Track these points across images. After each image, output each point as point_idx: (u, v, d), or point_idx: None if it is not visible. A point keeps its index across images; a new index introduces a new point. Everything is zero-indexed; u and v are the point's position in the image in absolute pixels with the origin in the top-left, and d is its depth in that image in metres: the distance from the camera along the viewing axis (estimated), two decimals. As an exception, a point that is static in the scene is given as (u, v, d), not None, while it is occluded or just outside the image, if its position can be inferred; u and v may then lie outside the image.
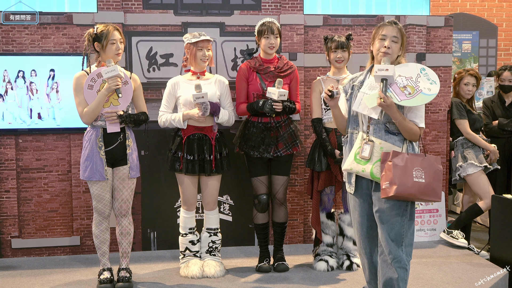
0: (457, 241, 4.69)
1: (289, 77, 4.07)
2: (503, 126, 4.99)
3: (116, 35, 3.60)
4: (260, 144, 3.96)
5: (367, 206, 3.05)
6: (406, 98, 2.92)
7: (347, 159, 3.05)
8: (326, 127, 4.06)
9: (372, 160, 2.95)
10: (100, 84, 3.57)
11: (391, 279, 2.94)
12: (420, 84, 2.95)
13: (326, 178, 4.03)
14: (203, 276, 3.91)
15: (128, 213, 3.78)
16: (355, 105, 3.03)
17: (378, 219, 2.97)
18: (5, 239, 4.42)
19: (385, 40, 3.03)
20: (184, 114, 3.85)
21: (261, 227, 4.15)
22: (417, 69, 3.02)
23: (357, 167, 2.99)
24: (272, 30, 3.94)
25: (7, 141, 4.39)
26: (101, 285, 3.68)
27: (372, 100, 2.95)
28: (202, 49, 3.86)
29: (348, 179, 3.11)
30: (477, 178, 4.65)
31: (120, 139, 3.67)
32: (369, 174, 2.96)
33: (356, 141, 3.03)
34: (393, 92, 2.93)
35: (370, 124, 3.00)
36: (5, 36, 4.35)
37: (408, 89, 2.95)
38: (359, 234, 3.11)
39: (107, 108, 3.59)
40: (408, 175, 2.84)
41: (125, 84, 3.62)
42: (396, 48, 3.03)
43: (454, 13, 7.22)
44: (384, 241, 2.95)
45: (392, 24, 3.07)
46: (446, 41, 4.91)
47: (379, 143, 2.95)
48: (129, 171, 3.69)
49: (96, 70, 3.57)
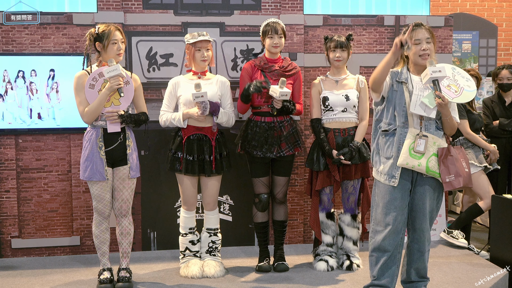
0: (457, 241, 4.69)
1: (293, 78, 4.08)
2: (504, 126, 4.99)
3: (118, 35, 3.60)
4: (263, 143, 3.96)
5: (405, 201, 3.23)
6: (455, 96, 3.17)
7: (402, 154, 3.18)
8: (324, 127, 4.06)
9: (427, 155, 3.15)
10: (101, 83, 3.57)
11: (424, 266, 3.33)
12: (459, 82, 3.20)
13: (324, 178, 4.04)
14: (203, 276, 3.91)
15: (128, 213, 3.78)
16: (411, 107, 3.19)
17: (421, 210, 3.22)
18: (5, 239, 4.42)
19: (422, 44, 3.19)
20: (184, 113, 3.86)
21: (261, 226, 4.15)
22: (449, 68, 3.25)
23: (413, 161, 3.15)
24: (276, 30, 3.95)
25: (7, 141, 4.39)
26: (101, 285, 3.68)
27: (431, 100, 3.14)
28: (201, 50, 3.86)
29: (390, 172, 3.22)
30: (477, 178, 4.65)
31: (121, 139, 3.66)
32: (424, 168, 3.15)
33: (408, 136, 3.18)
34: (443, 92, 3.14)
35: (423, 120, 3.19)
36: (5, 36, 4.35)
37: (452, 87, 3.18)
38: (391, 230, 3.22)
39: (108, 107, 3.59)
40: (461, 166, 3.16)
41: (127, 84, 3.62)
42: (432, 47, 3.22)
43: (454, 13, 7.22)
44: (424, 231, 3.26)
45: (420, 26, 3.23)
46: (446, 41, 4.91)
47: (432, 138, 3.17)
48: (129, 171, 3.69)
49: (98, 70, 3.57)
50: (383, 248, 3.24)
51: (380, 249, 3.25)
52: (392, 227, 3.21)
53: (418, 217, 3.24)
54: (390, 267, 3.26)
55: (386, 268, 3.26)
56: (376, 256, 3.28)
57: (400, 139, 3.20)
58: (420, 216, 3.24)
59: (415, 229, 3.27)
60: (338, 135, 4.02)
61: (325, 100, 4.03)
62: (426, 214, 3.23)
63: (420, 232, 3.25)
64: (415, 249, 3.29)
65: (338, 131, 4.03)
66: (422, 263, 3.31)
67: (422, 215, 3.23)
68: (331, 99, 4.02)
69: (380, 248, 3.25)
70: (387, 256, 3.24)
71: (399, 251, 3.28)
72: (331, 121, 4.04)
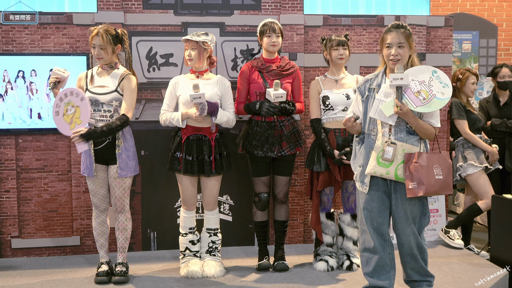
0: (453, 242, 4.68)
1: (291, 76, 4.08)
2: (496, 127, 4.95)
3: (97, 40, 3.67)
4: (264, 143, 3.96)
5: (380, 204, 3.19)
6: (421, 104, 3.02)
7: (370, 162, 3.13)
8: (325, 127, 4.06)
9: (395, 162, 3.06)
10: (63, 107, 3.64)
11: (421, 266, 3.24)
12: (433, 88, 3.03)
13: (325, 178, 4.03)
14: (203, 276, 3.91)
15: (124, 210, 3.85)
16: (371, 112, 3.14)
17: (399, 215, 3.15)
18: (5, 239, 4.42)
19: (392, 48, 3.11)
20: (183, 114, 3.86)
21: (260, 225, 4.15)
22: (429, 72, 3.09)
23: (381, 170, 3.09)
24: (273, 29, 3.96)
25: (7, 141, 4.39)
26: (98, 277, 3.80)
27: (389, 108, 3.05)
28: (187, 49, 3.88)
29: (361, 179, 3.21)
30: (477, 178, 4.65)
31: (109, 139, 3.73)
32: (393, 176, 3.08)
33: (376, 143, 3.11)
34: (408, 99, 3.02)
35: (392, 126, 3.10)
36: (5, 36, 4.35)
37: (422, 94, 3.03)
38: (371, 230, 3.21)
39: (72, 129, 3.61)
40: (430, 173, 3.02)
41: (81, 99, 3.61)
42: (404, 52, 3.12)
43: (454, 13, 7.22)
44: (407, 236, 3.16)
45: (396, 29, 3.13)
46: (446, 41, 4.91)
47: (400, 145, 3.07)
48: (117, 170, 3.72)
49: (58, 95, 3.67)
50: (370, 248, 3.24)
51: (368, 249, 3.25)
52: (372, 229, 3.21)
53: (398, 222, 3.19)
54: (386, 269, 3.25)
55: (382, 270, 3.25)
56: (366, 256, 3.28)
57: (369, 147, 3.18)
58: (400, 221, 3.18)
59: (398, 234, 3.22)
60: (339, 135, 4.02)
61: (326, 99, 4.03)
62: (407, 219, 3.15)
63: (404, 237, 3.19)
64: (405, 252, 3.24)
65: (339, 131, 4.03)
66: (417, 264, 3.24)
67: (402, 220, 3.17)
68: (332, 98, 4.02)
69: (368, 248, 3.25)
70: (378, 257, 3.22)
71: (389, 252, 3.26)
72: (331, 120, 4.04)
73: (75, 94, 3.61)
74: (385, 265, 3.25)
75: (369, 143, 3.18)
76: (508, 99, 5.01)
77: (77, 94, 3.61)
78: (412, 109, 3.02)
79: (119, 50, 3.79)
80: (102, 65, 3.78)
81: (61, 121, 3.65)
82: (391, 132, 3.10)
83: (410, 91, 3.04)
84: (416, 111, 3.04)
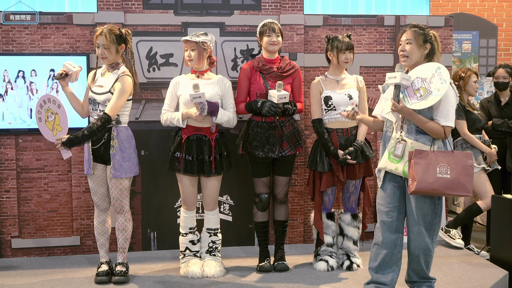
0: (454, 241, 4.68)
1: (291, 77, 4.08)
2: (497, 127, 4.95)
3: (100, 40, 3.70)
4: (265, 143, 3.96)
5: (392, 199, 3.24)
6: (416, 100, 3.08)
7: (382, 157, 3.25)
8: (327, 128, 4.05)
9: (404, 159, 3.13)
10: (44, 114, 3.70)
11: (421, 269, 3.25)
12: (432, 84, 3.07)
13: (328, 178, 4.03)
14: (203, 276, 3.91)
15: (123, 210, 3.85)
16: (376, 109, 3.27)
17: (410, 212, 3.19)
18: (5, 239, 4.42)
19: (401, 45, 3.23)
20: (183, 114, 3.86)
21: (261, 225, 4.15)
22: (433, 68, 3.14)
23: (391, 165, 3.18)
24: (273, 29, 3.97)
25: (7, 141, 4.39)
26: (98, 277, 3.81)
27: (387, 105, 3.18)
28: (187, 50, 3.89)
29: (378, 174, 3.33)
30: (477, 178, 4.64)
31: (104, 139, 3.74)
32: (401, 172, 3.16)
33: (390, 140, 3.20)
34: (407, 96, 3.11)
35: (404, 124, 3.18)
36: (5, 36, 4.35)
37: (420, 91, 3.09)
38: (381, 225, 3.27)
39: (55, 136, 3.69)
40: (430, 171, 3.02)
41: (58, 107, 3.67)
42: (411, 49, 3.19)
43: (454, 13, 7.23)
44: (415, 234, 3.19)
45: (409, 28, 3.24)
46: (446, 41, 4.91)
47: (410, 143, 3.13)
48: (111, 171, 3.74)
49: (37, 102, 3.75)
50: (379, 243, 3.28)
51: (377, 243, 3.30)
52: (385, 224, 3.26)
53: (409, 219, 3.24)
54: (391, 266, 3.28)
55: (387, 266, 3.28)
56: (375, 251, 3.32)
57: (385, 143, 3.29)
58: (409, 218, 3.24)
59: (409, 231, 3.26)
60: (341, 135, 4.02)
61: (328, 100, 4.02)
62: (417, 217, 3.18)
63: (411, 234, 3.23)
64: (409, 251, 3.28)
65: (341, 131, 4.02)
66: (418, 267, 3.26)
67: (410, 218, 3.22)
68: (334, 99, 4.01)
69: (376, 242, 3.30)
70: (385, 252, 3.26)
71: (399, 250, 3.29)
72: (333, 120, 4.03)
73: (53, 101, 3.69)
74: (391, 262, 3.28)
75: (386, 139, 3.28)
76: (509, 99, 5.01)
77: (54, 101, 3.68)
78: (409, 106, 3.09)
79: (123, 50, 3.79)
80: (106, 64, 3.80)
81: (44, 127, 3.73)
82: (403, 129, 3.17)
83: (411, 88, 3.12)
84: (411, 108, 3.10)
